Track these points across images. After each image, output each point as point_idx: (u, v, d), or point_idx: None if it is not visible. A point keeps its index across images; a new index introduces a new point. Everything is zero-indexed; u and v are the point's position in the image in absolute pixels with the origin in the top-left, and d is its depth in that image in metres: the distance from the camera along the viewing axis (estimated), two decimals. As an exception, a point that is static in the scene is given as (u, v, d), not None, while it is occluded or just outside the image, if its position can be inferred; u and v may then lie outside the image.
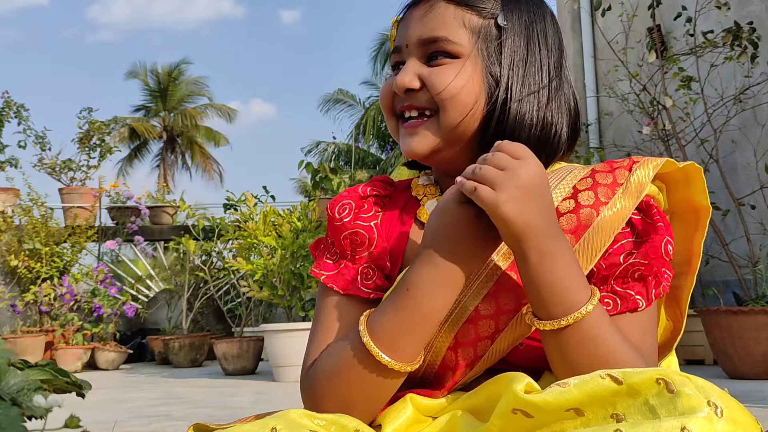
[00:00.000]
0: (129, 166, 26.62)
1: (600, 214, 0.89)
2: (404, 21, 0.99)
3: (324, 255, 1.03)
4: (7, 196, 7.69)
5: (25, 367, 1.51)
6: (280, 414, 0.81)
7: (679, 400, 0.68)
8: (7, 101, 8.04)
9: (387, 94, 0.99)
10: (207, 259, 7.21)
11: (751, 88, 4.64)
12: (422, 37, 0.95)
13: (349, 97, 19.97)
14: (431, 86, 0.94)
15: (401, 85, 0.95)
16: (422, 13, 0.96)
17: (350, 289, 0.97)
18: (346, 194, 1.03)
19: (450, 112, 0.94)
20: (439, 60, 0.95)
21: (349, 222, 1.00)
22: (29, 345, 6.49)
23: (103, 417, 3.38)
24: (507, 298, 0.90)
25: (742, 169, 5.01)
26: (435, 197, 1.02)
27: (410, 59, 0.96)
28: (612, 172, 0.93)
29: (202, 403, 3.99)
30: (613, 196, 0.90)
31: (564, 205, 0.92)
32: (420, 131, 0.96)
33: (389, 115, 1.01)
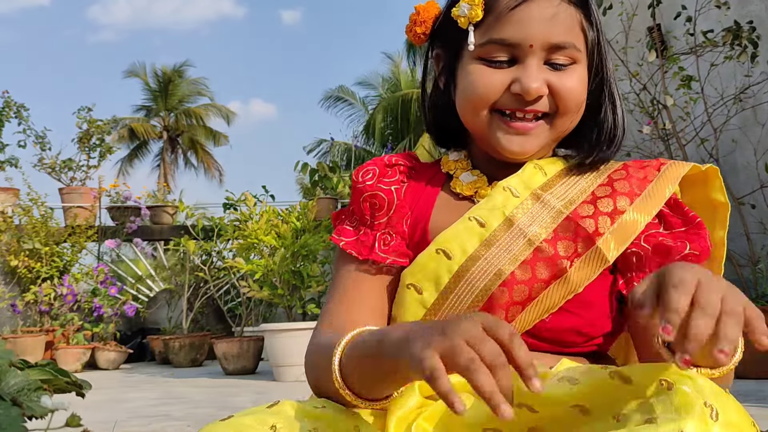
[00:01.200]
0: (129, 166, 26.62)
1: (634, 203, 0.94)
2: (521, 15, 0.93)
3: (344, 222, 1.04)
4: (7, 196, 7.68)
5: (26, 367, 1.51)
6: (276, 409, 0.81)
7: (675, 398, 0.69)
8: (7, 101, 8.04)
9: (492, 89, 0.95)
10: (207, 259, 7.21)
11: (751, 88, 4.64)
12: (552, 42, 0.93)
13: (350, 95, 19.96)
14: (561, 95, 0.94)
15: (534, 92, 0.92)
16: (549, 14, 0.93)
17: (367, 254, 0.98)
18: (371, 162, 1.05)
19: (569, 117, 0.96)
20: (566, 67, 0.94)
21: (371, 185, 1.01)
22: (29, 345, 6.49)
23: (103, 417, 3.38)
24: (543, 267, 0.92)
25: (742, 168, 5.01)
26: (468, 170, 1.04)
27: (533, 61, 0.93)
28: (643, 169, 0.99)
29: (203, 403, 3.99)
30: (644, 190, 0.95)
31: (601, 190, 0.97)
32: (533, 133, 0.96)
33: (483, 109, 0.96)
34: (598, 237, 0.92)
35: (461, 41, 0.97)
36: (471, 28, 0.95)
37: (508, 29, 0.93)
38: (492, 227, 0.94)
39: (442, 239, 0.95)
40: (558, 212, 0.94)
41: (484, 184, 1.02)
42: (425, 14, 1.01)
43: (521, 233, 0.93)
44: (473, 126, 0.99)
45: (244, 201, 6.42)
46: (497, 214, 0.95)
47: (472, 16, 0.95)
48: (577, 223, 0.93)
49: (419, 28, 1.02)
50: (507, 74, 0.94)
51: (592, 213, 0.94)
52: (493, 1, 0.94)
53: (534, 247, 0.92)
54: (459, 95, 0.99)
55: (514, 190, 0.97)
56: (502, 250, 0.93)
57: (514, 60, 0.94)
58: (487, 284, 0.92)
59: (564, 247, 0.93)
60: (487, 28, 0.94)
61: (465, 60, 0.97)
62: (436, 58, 1.05)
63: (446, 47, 1.02)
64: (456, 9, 0.96)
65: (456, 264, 0.94)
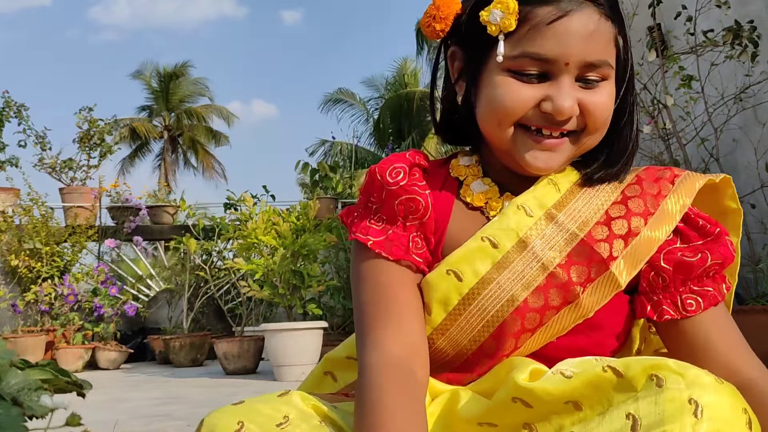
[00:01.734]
0: (131, 166, 26.63)
1: (647, 224, 0.92)
2: (560, 29, 0.87)
3: (366, 219, 0.96)
4: (8, 195, 7.69)
5: (26, 367, 1.51)
6: (286, 399, 0.82)
7: (662, 396, 0.71)
8: (8, 101, 8.04)
9: (521, 105, 0.89)
10: (207, 259, 7.21)
11: (751, 87, 4.64)
12: (588, 60, 0.88)
13: (350, 96, 19.96)
14: (592, 113, 0.90)
15: (568, 112, 0.89)
16: (588, 30, 0.87)
17: (402, 255, 0.92)
18: (395, 159, 0.97)
19: (597, 135, 0.93)
20: (597, 84, 0.91)
21: (407, 186, 0.94)
22: (30, 345, 6.49)
23: (103, 416, 3.38)
24: (555, 294, 0.90)
25: (742, 168, 5.01)
26: (479, 177, 0.99)
27: (567, 79, 0.89)
28: (657, 183, 0.96)
29: (203, 403, 3.99)
30: (658, 207, 0.93)
31: (615, 209, 0.94)
32: (559, 149, 0.92)
33: (509, 123, 0.91)
34: (611, 261, 0.90)
35: (487, 48, 0.91)
36: (501, 37, 0.88)
37: (544, 44, 0.87)
38: (505, 249, 0.91)
39: (453, 260, 0.92)
40: (572, 235, 0.92)
41: (495, 194, 0.98)
42: (446, 10, 0.94)
43: (535, 257, 0.91)
44: (495, 139, 0.94)
45: (243, 201, 6.43)
46: (511, 235, 0.92)
47: (505, 26, 0.88)
48: (591, 247, 0.91)
49: (439, 24, 0.95)
50: (537, 90, 0.89)
51: (606, 236, 0.92)
52: (528, 11, 0.87)
53: (548, 273, 0.90)
54: (482, 106, 0.93)
55: (528, 209, 0.93)
56: (515, 275, 0.91)
57: (545, 75, 0.89)
58: (499, 310, 0.90)
59: (577, 272, 0.90)
60: (520, 40, 0.88)
61: (491, 69, 0.91)
62: (451, 56, 0.99)
63: (467, 49, 0.96)
64: (486, 13, 0.89)
65: (466, 286, 0.91)
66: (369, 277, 0.92)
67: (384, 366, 0.83)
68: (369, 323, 0.89)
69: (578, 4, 0.87)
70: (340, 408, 0.87)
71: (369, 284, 0.92)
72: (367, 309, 0.90)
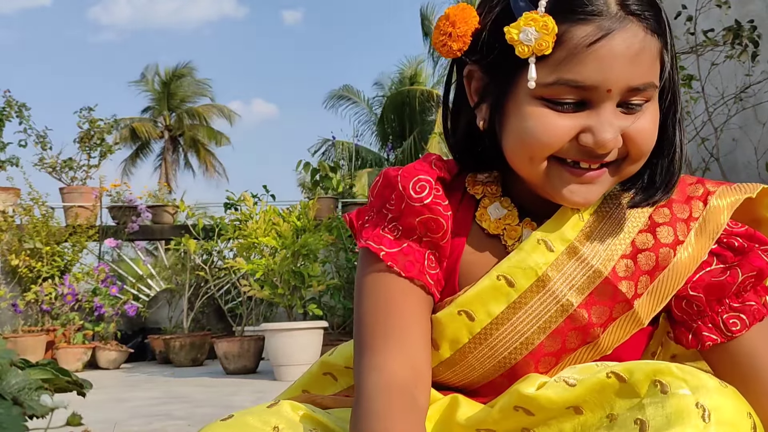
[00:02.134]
0: (132, 166, 26.63)
1: (677, 255, 0.85)
2: (602, 53, 0.76)
3: (379, 227, 0.87)
4: (8, 195, 7.69)
5: (26, 367, 1.52)
6: (276, 409, 0.81)
7: (668, 401, 0.70)
8: (9, 100, 8.04)
9: (556, 138, 0.79)
10: (208, 259, 7.21)
11: (751, 87, 4.64)
12: (632, 85, 0.78)
13: (353, 93, 19.94)
14: (636, 141, 0.80)
15: (611, 145, 0.79)
16: (633, 51, 0.77)
17: (415, 274, 0.85)
18: (420, 168, 0.87)
19: (640, 163, 0.83)
20: (640, 107, 0.80)
21: (431, 205, 0.85)
22: (30, 344, 6.49)
23: (104, 416, 3.38)
24: (574, 336, 0.85)
25: (742, 167, 5.01)
26: (497, 199, 0.90)
27: (608, 107, 0.78)
28: (687, 203, 0.87)
29: (203, 403, 3.99)
30: (688, 234, 0.85)
31: (641, 239, 0.86)
32: (598, 181, 0.82)
33: (542, 158, 0.80)
34: (636, 299, 0.84)
35: (513, 71, 0.79)
36: (532, 60, 0.77)
37: (583, 70, 0.76)
38: (522, 288, 0.84)
39: (465, 300, 0.85)
40: (596, 272, 0.84)
41: (514, 220, 0.89)
42: (464, 26, 0.82)
43: (554, 298, 0.84)
44: (526, 172, 0.83)
45: (243, 201, 6.43)
46: (529, 273, 0.84)
47: (541, 48, 0.76)
48: (615, 286, 0.84)
49: (456, 43, 0.82)
50: (575, 121, 0.78)
51: (632, 273, 0.85)
52: (564, 31, 0.76)
53: (567, 315, 0.84)
54: (510, 137, 0.82)
55: (549, 244, 0.85)
56: (531, 316, 0.84)
57: (583, 102, 0.79)
58: (511, 353, 0.85)
59: (598, 313, 0.84)
60: (557, 65, 0.77)
61: (519, 96, 0.80)
62: (468, 76, 0.86)
63: (487, 70, 0.84)
64: (515, 31, 0.77)
65: (478, 326, 0.85)
66: (376, 290, 0.85)
67: (383, 390, 0.77)
68: (370, 341, 0.83)
69: (621, 20, 0.76)
70: (334, 414, 0.86)
71: (375, 298, 0.85)
72: (369, 325, 0.84)
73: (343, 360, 1.03)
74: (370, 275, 0.86)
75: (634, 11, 0.77)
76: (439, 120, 15.66)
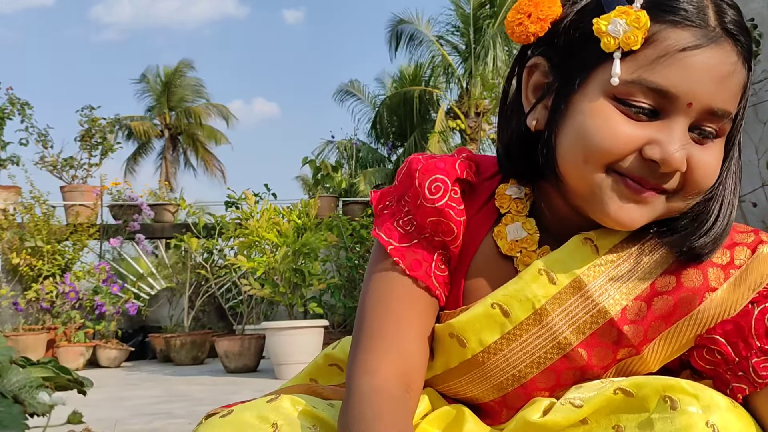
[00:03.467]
0: (134, 165, 26.65)
1: (704, 302, 0.77)
2: (693, 62, 0.71)
3: (395, 219, 0.85)
4: (9, 193, 7.69)
5: (27, 365, 1.52)
6: (275, 405, 0.80)
7: (678, 418, 0.69)
8: (11, 98, 8.05)
9: (621, 145, 0.72)
10: (208, 257, 7.22)
11: (753, 86, 4.64)
12: (713, 108, 0.72)
13: (358, 90, 19.88)
14: (697, 176, 0.74)
15: (677, 164, 0.72)
16: (725, 72, 0.72)
17: (421, 275, 0.82)
18: (442, 166, 0.83)
19: (693, 200, 0.76)
20: (711, 140, 0.74)
21: (443, 207, 0.81)
22: (31, 343, 6.50)
23: (104, 414, 3.38)
24: (569, 375, 0.80)
25: (743, 166, 5.00)
26: (521, 216, 0.84)
27: (682, 123, 0.72)
28: (730, 249, 0.79)
29: (204, 401, 3.99)
30: (724, 282, 0.77)
31: (663, 281, 0.78)
32: (652, 202, 0.75)
33: (599, 165, 0.74)
34: (645, 345, 0.78)
35: (590, 65, 0.74)
36: (618, 55, 0.71)
37: (670, 74, 0.70)
38: (518, 319, 0.79)
39: (457, 324, 0.81)
40: (600, 311, 0.77)
41: (532, 245, 0.83)
42: (546, 10, 0.77)
43: (551, 334, 0.79)
44: (575, 178, 0.76)
45: (245, 199, 6.43)
46: (526, 304, 0.79)
47: (629, 42, 0.71)
48: (620, 330, 0.77)
49: (534, 26, 0.77)
50: (644, 130, 0.72)
51: (643, 317, 0.77)
52: (657, 31, 0.71)
53: (563, 354, 0.79)
54: (567, 137, 0.75)
55: (551, 276, 0.79)
56: (525, 350, 0.80)
57: (656, 113, 0.72)
58: (503, 382, 0.82)
59: (600, 355, 0.79)
60: (640, 63, 0.71)
61: (588, 92, 0.74)
62: (530, 69, 0.81)
63: (559, 62, 0.78)
64: (604, 22, 0.72)
65: (470, 353, 0.81)
66: (379, 286, 0.83)
67: (374, 394, 0.75)
68: (365, 341, 0.80)
69: (718, 37, 0.71)
70: (336, 405, 0.84)
71: (377, 294, 0.82)
72: (367, 322, 0.81)
73: (345, 355, 1.01)
74: (377, 268, 0.84)
75: (732, 31, 0.73)
76: (440, 118, 15.65)
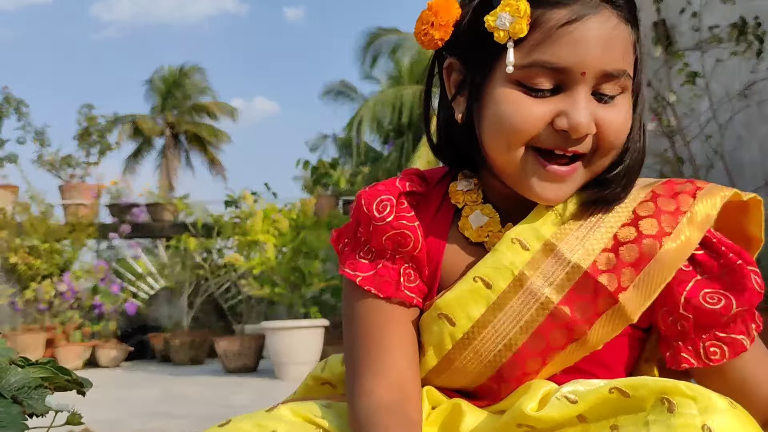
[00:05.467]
0: (135, 163, 26.67)
1: (663, 246, 0.82)
2: (576, 35, 0.78)
3: (356, 253, 0.90)
4: (6, 192, 7.67)
5: (26, 365, 1.49)
6: (274, 413, 0.81)
7: (674, 421, 0.69)
8: (7, 97, 8.02)
9: (532, 123, 0.80)
10: (208, 257, 7.20)
11: (756, 84, 4.61)
12: (606, 70, 0.79)
13: (351, 89, 19.91)
14: (608, 133, 0.81)
15: (585, 129, 0.79)
16: (607, 35, 0.78)
17: (392, 292, 0.86)
18: (383, 188, 0.89)
19: (611, 156, 0.84)
20: (613, 99, 0.81)
21: (393, 221, 0.86)
22: (30, 342, 6.48)
23: (104, 415, 3.36)
24: (558, 334, 0.83)
25: (747, 165, 4.99)
26: (478, 206, 0.90)
27: (583, 91, 0.79)
28: (675, 198, 0.86)
29: (203, 401, 3.97)
30: (676, 226, 0.83)
31: (624, 232, 0.84)
32: (570, 179, 0.83)
33: (518, 145, 0.81)
34: (620, 293, 0.83)
35: (492, 58, 0.81)
36: (511, 44, 0.78)
37: (558, 51, 0.78)
38: (500, 289, 0.84)
39: (444, 303, 0.86)
40: (574, 267, 0.83)
41: (496, 226, 0.89)
42: (445, 15, 0.84)
43: (533, 296, 0.83)
44: (501, 162, 0.84)
45: (243, 199, 6.42)
46: (505, 273, 0.84)
47: (515, 31, 0.78)
48: (596, 280, 0.83)
49: (437, 32, 0.84)
50: (550, 105, 0.80)
51: (614, 266, 0.83)
52: (539, 15, 0.78)
53: (548, 313, 0.83)
54: (487, 125, 0.83)
55: (523, 242, 0.85)
56: (511, 317, 0.84)
57: (559, 88, 0.80)
58: (496, 355, 0.85)
59: (581, 309, 0.83)
60: (531, 48, 0.78)
61: (496, 82, 0.81)
62: (447, 69, 0.89)
63: (467, 60, 0.85)
64: (492, 18, 0.79)
65: (460, 331, 0.85)
66: (359, 315, 0.87)
67: (377, 411, 0.79)
68: (358, 368, 0.85)
69: (595, 6, 0.78)
70: (335, 407, 0.86)
71: (358, 323, 0.87)
72: (355, 351, 0.87)
73: (334, 376, 1.03)
74: (351, 302, 0.89)
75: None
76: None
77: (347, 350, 0.88)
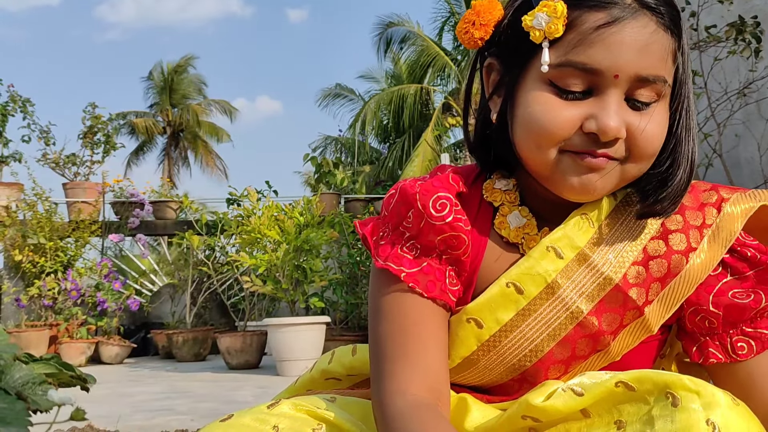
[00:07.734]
0: (137, 162, 26.68)
1: (689, 262, 0.84)
2: (612, 38, 0.77)
3: (397, 245, 0.86)
4: (11, 190, 7.70)
5: (30, 361, 1.52)
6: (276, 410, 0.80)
7: (678, 416, 0.68)
8: (13, 96, 8.05)
9: (562, 126, 0.79)
10: (210, 254, 7.23)
11: (754, 83, 4.63)
12: (641, 74, 0.78)
13: (349, 91, 19.90)
14: (639, 142, 0.80)
15: (614, 132, 0.78)
16: (644, 40, 0.78)
17: (437, 293, 0.84)
18: (439, 185, 0.87)
19: (643, 165, 0.83)
20: (647, 106, 0.80)
21: (453, 222, 0.84)
22: (34, 339, 6.52)
23: (107, 411, 3.39)
24: (584, 344, 0.85)
25: (745, 163, 5.00)
26: (516, 207, 0.90)
27: (614, 95, 0.79)
28: (701, 210, 0.86)
29: (206, 398, 4.00)
30: (701, 241, 0.85)
31: (653, 246, 0.85)
32: (603, 171, 0.81)
33: (549, 147, 0.81)
34: (647, 306, 0.84)
35: (528, 57, 0.82)
36: (546, 44, 0.79)
37: (592, 53, 0.77)
38: (531, 295, 0.84)
39: (474, 309, 0.85)
40: (606, 279, 0.83)
41: (533, 229, 0.89)
42: (487, 16, 0.85)
43: (564, 305, 0.84)
44: (533, 162, 0.83)
45: (246, 196, 6.43)
46: (538, 280, 0.84)
47: (551, 31, 0.78)
48: (626, 294, 0.83)
49: (478, 32, 0.85)
50: (580, 109, 0.79)
51: (644, 280, 0.84)
52: (576, 16, 0.78)
53: (577, 322, 0.84)
54: (518, 125, 0.83)
55: (558, 251, 0.85)
56: (540, 323, 0.84)
57: (591, 91, 0.80)
58: (521, 360, 0.86)
59: (609, 320, 0.84)
60: (566, 48, 0.78)
61: (530, 81, 0.81)
62: (487, 69, 0.89)
63: (505, 59, 0.86)
64: (529, 18, 0.79)
65: (487, 333, 0.85)
66: (395, 312, 0.84)
67: (412, 409, 0.77)
68: (389, 366, 0.82)
69: (633, 11, 0.78)
70: (339, 401, 0.85)
71: (394, 320, 0.84)
72: (388, 348, 0.83)
73: (343, 368, 1.03)
74: (389, 296, 0.85)
75: (648, 4, 0.78)
76: (436, 114, 15.64)
77: (376, 346, 0.85)
